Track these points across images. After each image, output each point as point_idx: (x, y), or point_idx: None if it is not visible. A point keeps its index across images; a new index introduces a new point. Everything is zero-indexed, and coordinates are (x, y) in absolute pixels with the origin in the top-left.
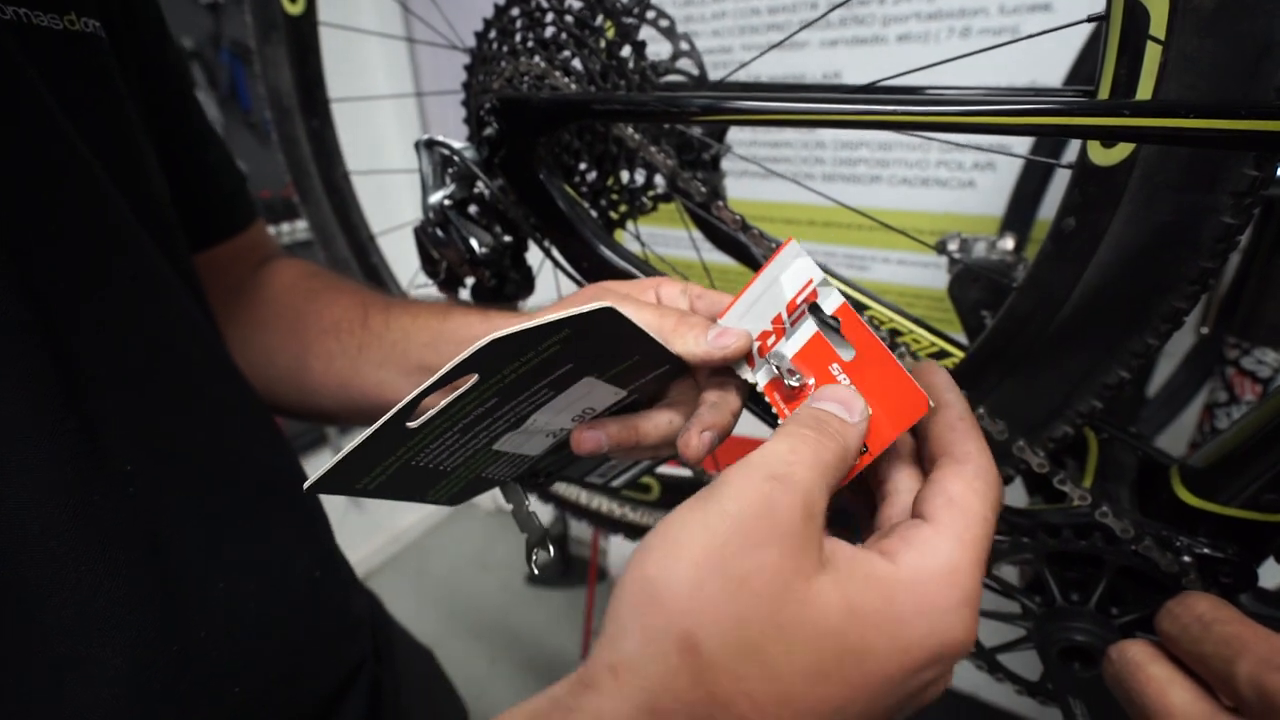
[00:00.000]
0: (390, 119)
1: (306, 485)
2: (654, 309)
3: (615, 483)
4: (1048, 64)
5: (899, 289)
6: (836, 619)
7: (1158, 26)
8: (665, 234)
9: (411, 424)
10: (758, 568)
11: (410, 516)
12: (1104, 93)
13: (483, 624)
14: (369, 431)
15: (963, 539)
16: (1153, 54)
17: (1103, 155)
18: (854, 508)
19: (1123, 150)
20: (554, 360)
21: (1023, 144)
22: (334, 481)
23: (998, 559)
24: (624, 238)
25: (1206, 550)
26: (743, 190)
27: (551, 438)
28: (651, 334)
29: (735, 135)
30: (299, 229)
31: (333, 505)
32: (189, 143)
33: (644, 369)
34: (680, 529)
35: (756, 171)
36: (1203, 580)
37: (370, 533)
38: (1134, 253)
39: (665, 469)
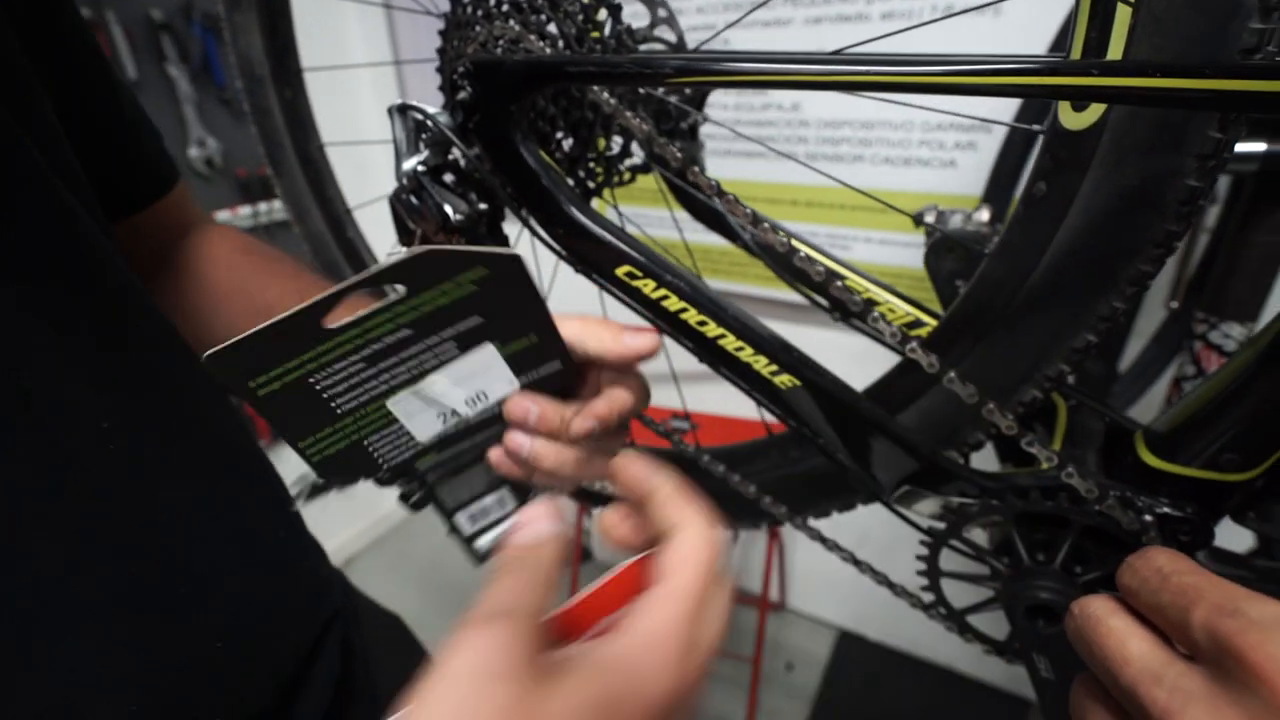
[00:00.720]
0: (367, 89)
1: (205, 354)
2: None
3: (479, 541)
4: (1032, 40)
5: (880, 269)
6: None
7: None
8: (648, 214)
9: (330, 325)
10: (491, 710)
11: (394, 499)
12: (1076, 55)
13: (467, 605)
14: (287, 313)
15: (674, 594)
16: (1123, 16)
17: (1074, 119)
18: None
19: (1093, 113)
20: (467, 304)
21: (1006, 118)
22: (232, 363)
23: (969, 521)
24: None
25: (1166, 509)
26: (726, 170)
27: (442, 419)
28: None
29: (719, 115)
30: (275, 209)
31: None
32: (103, 101)
33: (538, 357)
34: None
35: (740, 151)
36: (1162, 538)
37: (352, 516)
38: (1102, 216)
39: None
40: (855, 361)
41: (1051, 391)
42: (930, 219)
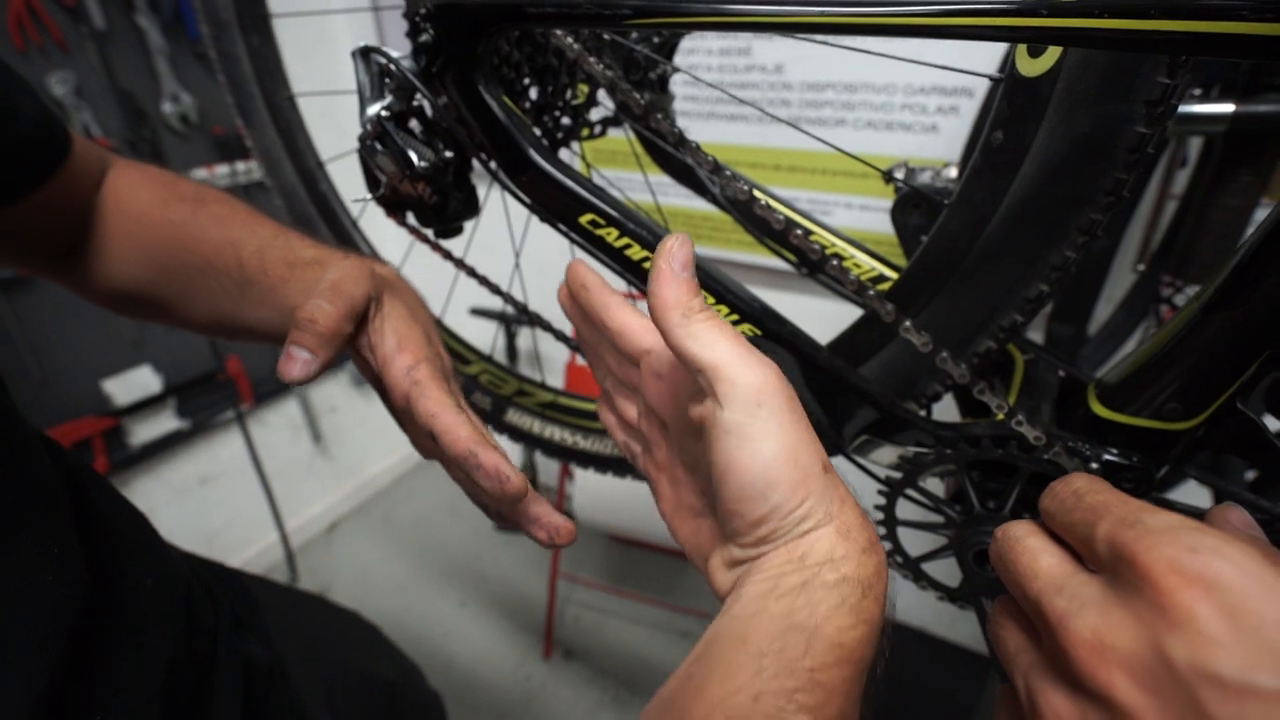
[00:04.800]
0: (345, 41)
1: None
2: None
3: None
4: None
5: (861, 234)
6: None
7: None
8: (632, 179)
9: None
10: None
11: (378, 465)
12: None
13: (452, 568)
14: None
15: None
16: None
17: (1029, 66)
18: None
19: (1048, 60)
20: None
21: (985, 80)
22: None
23: (924, 470)
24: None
25: (1112, 457)
26: (709, 133)
27: None
28: None
29: (703, 77)
30: (254, 169)
31: (299, 452)
32: None
33: None
34: None
35: (723, 114)
36: None
37: (338, 480)
38: (1055, 164)
39: None
40: (835, 327)
41: (1006, 343)
42: (900, 175)
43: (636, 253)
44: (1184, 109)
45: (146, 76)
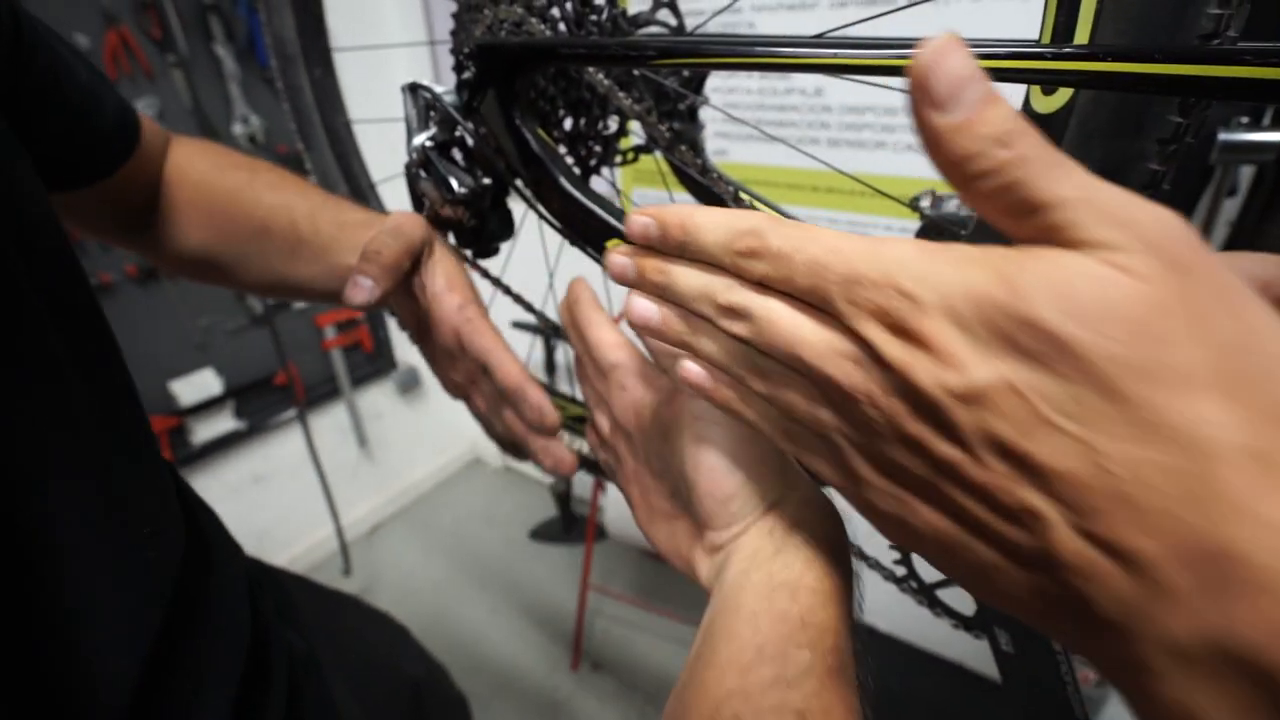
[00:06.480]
0: (402, 69)
1: None
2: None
3: None
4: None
5: None
6: None
7: None
8: (663, 197)
9: None
10: None
11: (420, 470)
12: (1045, 39)
13: (486, 575)
14: None
15: None
16: (1089, 2)
17: (1043, 103)
18: None
19: (1061, 97)
20: None
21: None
22: None
23: None
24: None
25: None
26: (747, 154)
27: None
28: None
29: (741, 99)
30: None
31: (345, 457)
32: (50, 76)
33: None
34: None
35: (761, 136)
36: None
37: (381, 484)
38: None
39: None
40: None
41: None
42: (925, 203)
43: None
44: (1232, 138)
45: (220, 100)
